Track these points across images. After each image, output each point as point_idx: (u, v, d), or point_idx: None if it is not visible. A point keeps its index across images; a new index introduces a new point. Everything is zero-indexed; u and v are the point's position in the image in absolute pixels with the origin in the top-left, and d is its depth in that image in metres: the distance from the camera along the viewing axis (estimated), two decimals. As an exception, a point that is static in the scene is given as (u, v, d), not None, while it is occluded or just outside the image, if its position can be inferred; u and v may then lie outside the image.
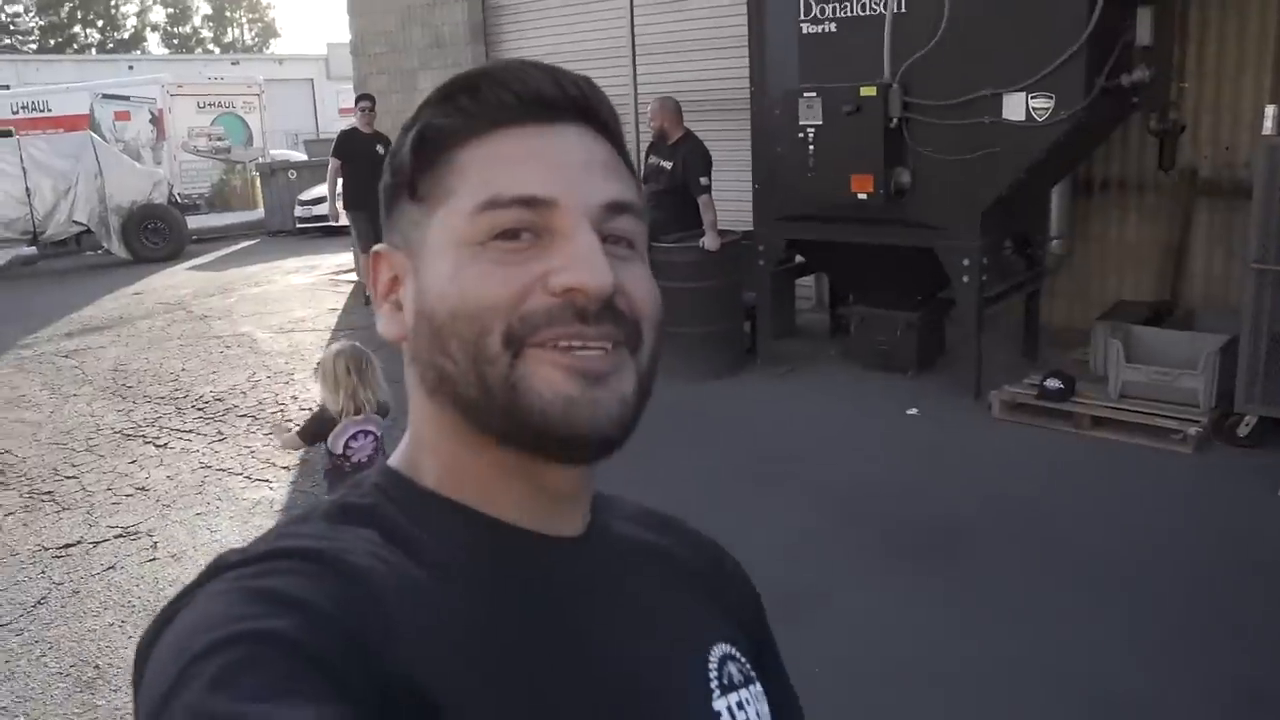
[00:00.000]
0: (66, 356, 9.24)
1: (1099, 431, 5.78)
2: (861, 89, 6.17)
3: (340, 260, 13.26)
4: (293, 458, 6.24)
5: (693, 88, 8.48)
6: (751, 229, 7.28)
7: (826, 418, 6.38)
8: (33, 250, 15.52)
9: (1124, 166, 7.46)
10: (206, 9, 57.48)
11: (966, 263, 6.20)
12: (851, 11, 6.31)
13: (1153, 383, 5.83)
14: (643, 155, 7.50)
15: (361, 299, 10.46)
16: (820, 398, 6.76)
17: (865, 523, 4.87)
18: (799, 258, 7.64)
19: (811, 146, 6.44)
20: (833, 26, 6.41)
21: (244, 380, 8.10)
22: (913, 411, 6.31)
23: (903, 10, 6.09)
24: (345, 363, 3.95)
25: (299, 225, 17.22)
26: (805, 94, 6.41)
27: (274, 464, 6.22)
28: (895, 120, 6.16)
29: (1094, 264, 7.65)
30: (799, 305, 8.42)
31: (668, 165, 7.37)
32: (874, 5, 6.20)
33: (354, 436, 3.97)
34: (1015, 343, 7.35)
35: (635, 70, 6.88)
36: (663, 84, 8.44)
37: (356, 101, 10.40)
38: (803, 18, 6.53)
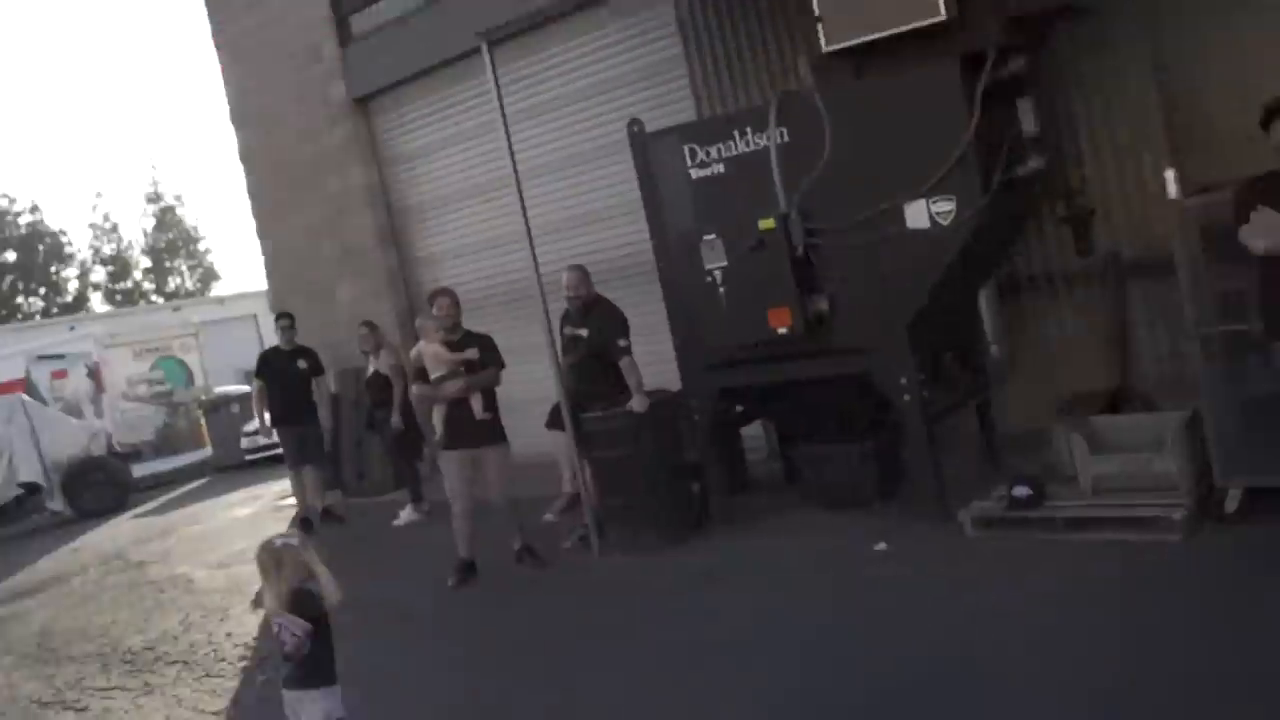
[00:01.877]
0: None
1: (1080, 534, 5.38)
2: (760, 222, 6.01)
3: (282, 487, 12.81)
4: (221, 703, 5.72)
5: (595, 258, 8.36)
6: (680, 387, 6.98)
7: (791, 573, 5.88)
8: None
9: (1046, 261, 7.30)
10: (146, 262, 58.17)
11: (903, 381, 5.92)
12: (736, 150, 6.22)
13: (1124, 472, 5.47)
14: (556, 329, 7.25)
15: (316, 516, 10.00)
16: (782, 552, 6.26)
17: (852, 692, 4.33)
18: (738, 408, 7.33)
19: (721, 288, 6.24)
20: (720, 168, 6.31)
21: (176, 624, 7.59)
22: (882, 546, 5.88)
23: (786, 140, 5.99)
24: (261, 558, 3.93)
25: (246, 457, 16.84)
26: (705, 237, 6.25)
27: (201, 711, 5.67)
28: (800, 248, 5.97)
29: (1039, 363, 7.39)
30: (751, 457, 8.06)
31: (583, 333, 7.14)
32: (756, 140, 6.10)
33: (281, 627, 3.90)
34: (976, 454, 7.01)
35: (533, 250, 6.72)
36: (563, 260, 8.26)
37: (276, 320, 10.25)
38: (690, 164, 6.42)
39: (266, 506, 12.25)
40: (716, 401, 6.84)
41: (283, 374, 9.74)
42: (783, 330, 6.03)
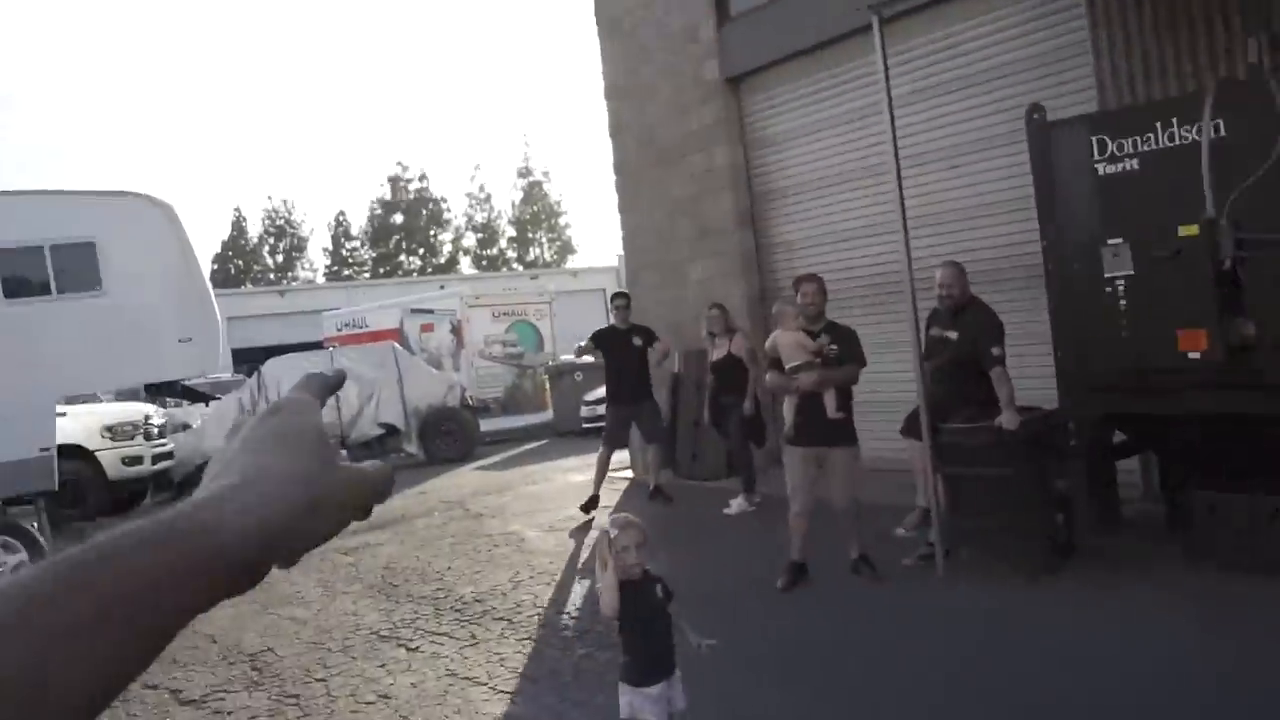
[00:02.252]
0: (346, 554, 9.30)
1: None
2: (1180, 228, 5.21)
3: (618, 458, 13.02)
4: (539, 668, 5.71)
5: (971, 256, 7.69)
6: (1057, 406, 6.27)
7: (1169, 636, 5.05)
8: (343, 452, 16.36)
9: None
10: (511, 232, 62.23)
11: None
12: (1155, 144, 5.44)
13: None
14: (922, 328, 6.70)
15: (642, 496, 10.06)
16: (1157, 607, 5.45)
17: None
18: (1119, 435, 6.51)
19: (1123, 301, 5.49)
20: (1134, 164, 5.56)
21: (506, 580, 7.75)
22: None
23: (1220, 134, 5.15)
24: (610, 532, 3.86)
25: (584, 425, 17.37)
26: (1109, 241, 5.52)
27: (524, 676, 5.68)
28: (1227, 261, 5.13)
29: None
30: (1125, 494, 7.17)
31: (952, 335, 6.56)
32: (1183, 133, 5.30)
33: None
34: None
35: (908, 242, 6.19)
36: (937, 256, 7.69)
37: (613, 300, 10.44)
38: (1097, 158, 5.70)
39: (598, 476, 12.47)
40: (1098, 427, 6.08)
41: (618, 352, 9.86)
42: (1195, 355, 5.23)
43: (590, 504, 9.80)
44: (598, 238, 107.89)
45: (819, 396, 6.42)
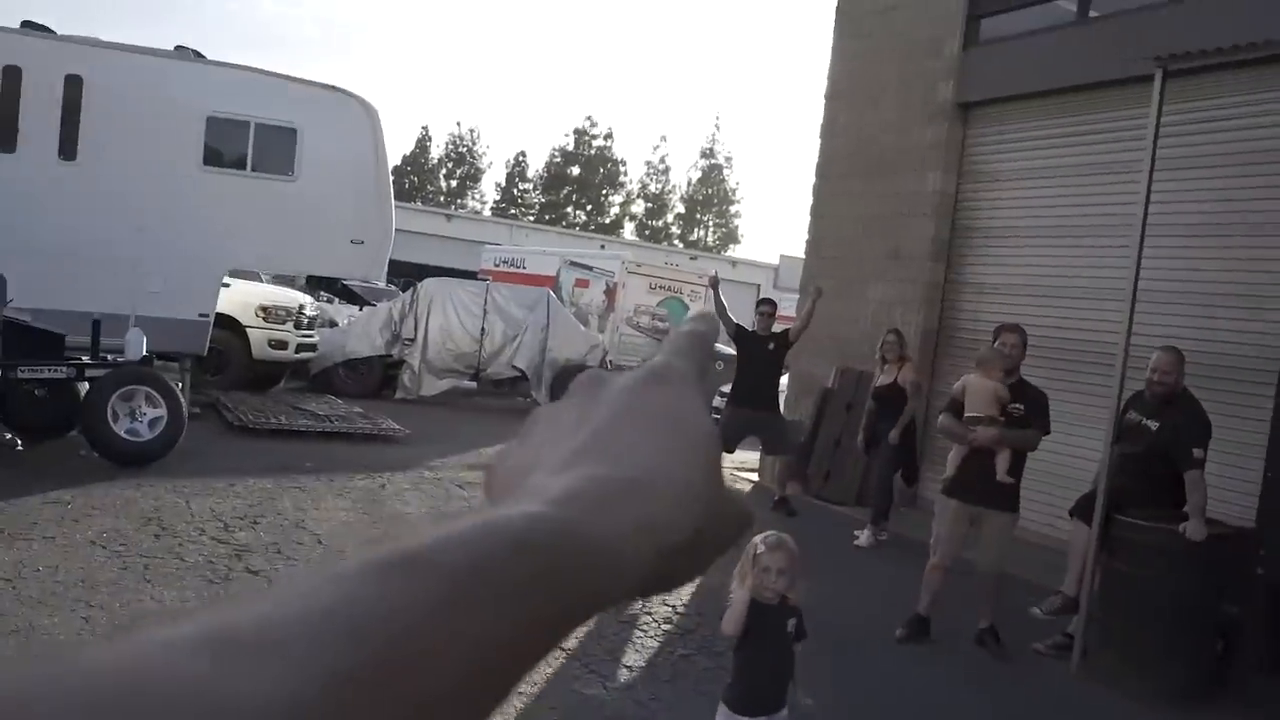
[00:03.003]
0: (461, 486, 9.25)
1: None
2: None
3: (744, 457, 12.72)
4: (636, 658, 5.48)
5: (1194, 346, 7.06)
6: (1253, 525, 5.70)
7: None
8: (473, 385, 16.50)
9: None
10: (680, 209, 62.23)
11: None
12: None
13: None
14: (1120, 408, 6.18)
15: (766, 503, 9.78)
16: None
17: None
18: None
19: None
20: None
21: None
22: None
23: None
24: (763, 542, 3.61)
25: (714, 416, 17.09)
26: (1370, 367, 4.94)
27: (620, 661, 5.45)
28: None
29: None
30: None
31: (1153, 425, 6.02)
32: None
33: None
34: None
35: (1132, 315, 5.69)
36: (1155, 337, 7.10)
37: (757, 306, 10.18)
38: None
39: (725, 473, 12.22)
40: (1294, 562, 5.51)
41: (752, 356, 9.70)
42: None
43: (780, 505, 9.58)
44: (763, 233, 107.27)
45: (990, 454, 6.01)
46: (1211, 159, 7.93)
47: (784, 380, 11.57)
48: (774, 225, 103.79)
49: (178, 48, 11.19)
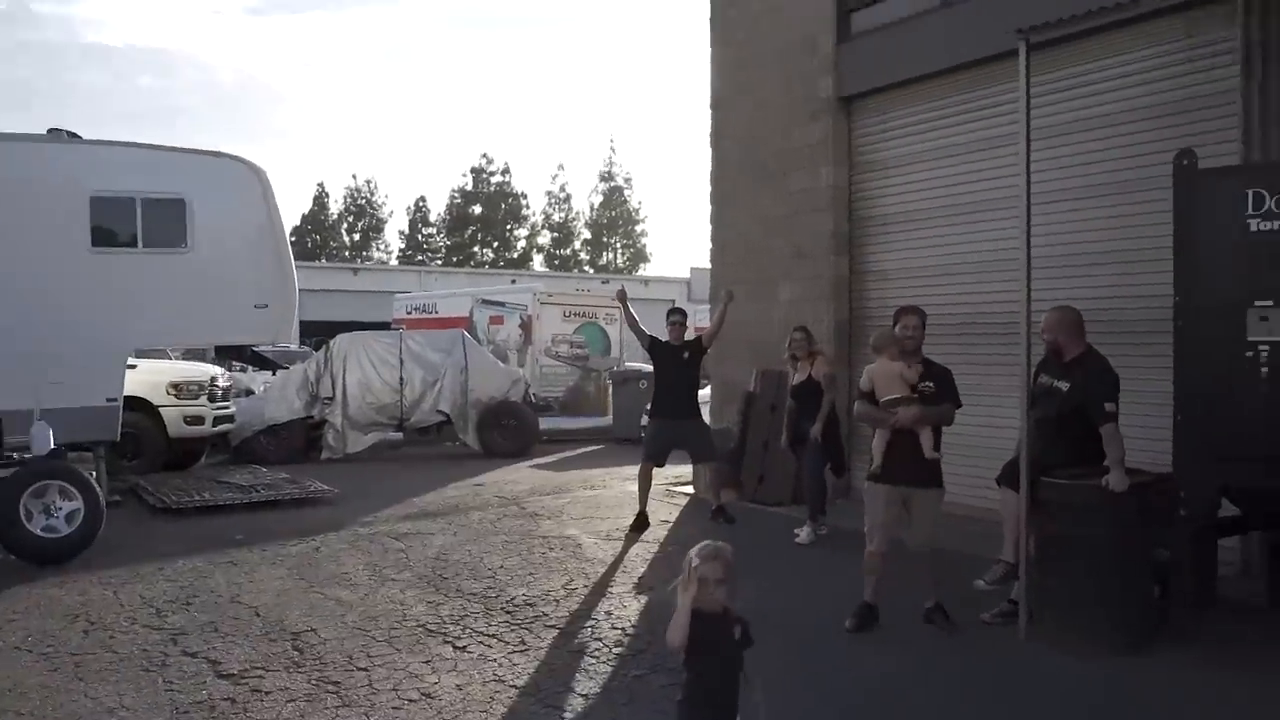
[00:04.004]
0: (397, 539, 9.11)
1: None
2: (1345, 296, 4.79)
3: (679, 471, 12.74)
4: (590, 684, 5.42)
5: (1091, 305, 7.24)
6: (1170, 471, 5.84)
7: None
8: (398, 435, 16.32)
9: None
10: (587, 234, 62.37)
11: None
12: (1326, 199, 5.02)
13: None
14: (1031, 374, 6.31)
15: (703, 514, 9.80)
16: (1262, 691, 5.06)
17: None
18: (1232, 510, 6.07)
19: (1264, 369, 5.07)
20: (1294, 221, 5.13)
21: (559, 587, 7.47)
22: None
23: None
24: (703, 552, 3.56)
25: (643, 434, 17.09)
26: (1256, 303, 5.11)
27: (575, 691, 5.38)
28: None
29: None
30: (1223, 571, 6.72)
31: (1063, 386, 6.15)
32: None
33: None
34: None
35: (1029, 283, 5.81)
36: (1049, 300, 7.27)
37: (669, 316, 10.08)
38: (1251, 213, 5.29)
39: (659, 488, 12.15)
40: (1215, 499, 5.65)
41: (669, 366, 9.67)
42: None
43: (640, 523, 9.48)
44: (671, 249, 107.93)
45: (913, 434, 6.09)
46: (1083, 123, 8.19)
47: (706, 390, 11.62)
48: (683, 240, 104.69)
49: (51, 130, 10.89)
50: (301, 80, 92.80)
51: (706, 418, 10.86)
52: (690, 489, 11.76)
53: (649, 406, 16.61)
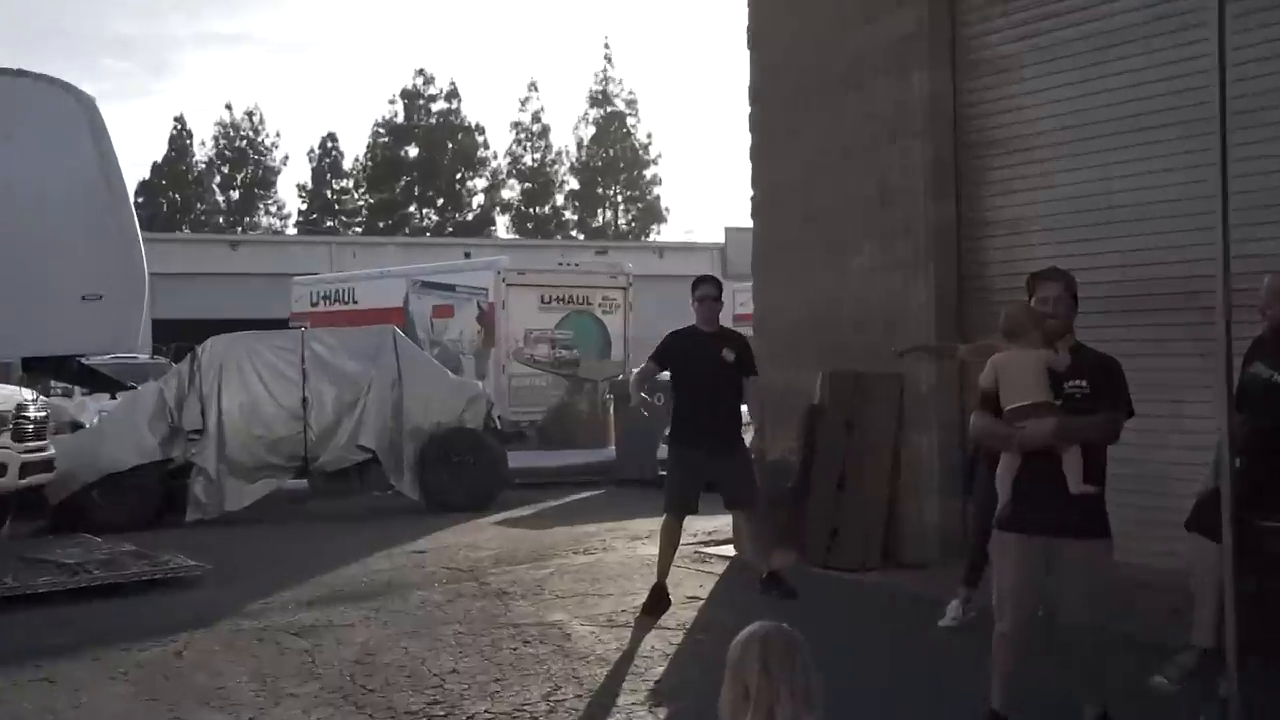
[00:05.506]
0: (298, 635, 9.10)
1: None
2: None
3: (714, 525, 12.73)
4: None
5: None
6: None
7: None
8: (301, 483, 16.27)
9: None
10: (572, 184, 62.52)
11: None
12: None
13: None
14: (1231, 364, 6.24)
15: (749, 588, 9.81)
16: None
17: None
18: None
19: None
20: None
21: (538, 697, 7.47)
22: None
23: None
24: (757, 649, 3.41)
25: (662, 472, 17.07)
26: None
27: None
28: None
29: None
30: None
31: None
32: None
33: None
34: None
35: (1226, 235, 5.69)
36: (1259, 258, 7.23)
37: (695, 288, 9.73)
38: None
39: (685, 548, 12.14)
40: None
41: (698, 368, 9.46)
42: None
43: (655, 601, 9.41)
44: (697, 205, 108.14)
45: (1054, 458, 5.99)
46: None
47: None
48: (713, 190, 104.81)
49: None
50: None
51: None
52: (729, 549, 11.71)
53: (668, 431, 16.66)
